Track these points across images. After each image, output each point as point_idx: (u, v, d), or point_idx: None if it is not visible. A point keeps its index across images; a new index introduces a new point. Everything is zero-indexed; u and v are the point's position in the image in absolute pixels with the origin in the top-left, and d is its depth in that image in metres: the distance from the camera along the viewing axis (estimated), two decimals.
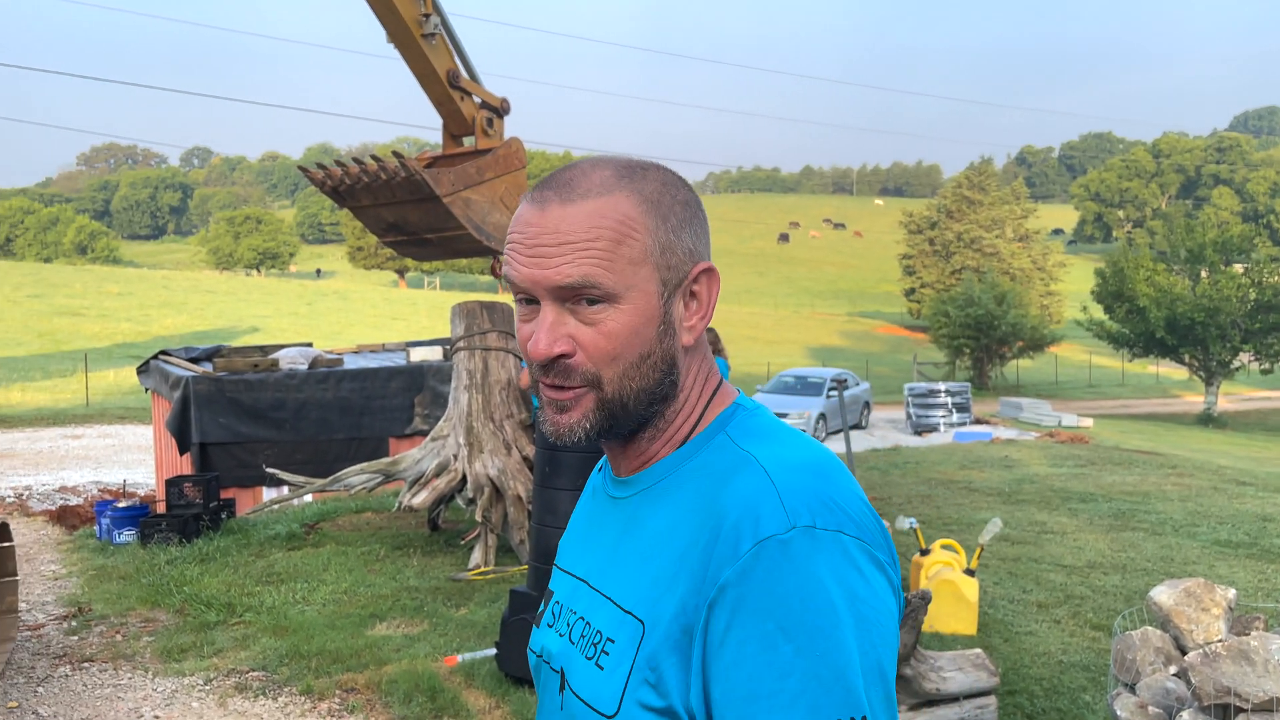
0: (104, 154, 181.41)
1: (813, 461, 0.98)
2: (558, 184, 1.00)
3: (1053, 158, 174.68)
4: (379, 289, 69.92)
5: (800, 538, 0.89)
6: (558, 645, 1.06)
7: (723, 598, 0.90)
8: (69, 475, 14.89)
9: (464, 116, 7.70)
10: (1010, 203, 57.80)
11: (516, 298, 1.02)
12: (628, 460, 1.07)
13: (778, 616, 0.87)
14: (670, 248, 1.00)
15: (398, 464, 7.90)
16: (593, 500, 1.16)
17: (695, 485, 0.99)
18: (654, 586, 0.96)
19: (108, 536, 8.47)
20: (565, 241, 0.97)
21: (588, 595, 1.05)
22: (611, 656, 0.96)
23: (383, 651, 5.40)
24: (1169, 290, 30.30)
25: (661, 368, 1.00)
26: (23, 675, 5.34)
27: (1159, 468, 13.13)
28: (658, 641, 0.93)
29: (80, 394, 25.09)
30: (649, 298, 0.99)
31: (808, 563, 0.89)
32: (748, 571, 0.89)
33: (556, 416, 1.01)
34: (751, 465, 0.96)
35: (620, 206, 0.98)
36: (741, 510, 0.92)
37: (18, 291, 46.94)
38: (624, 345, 0.98)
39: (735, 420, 1.04)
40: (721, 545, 0.91)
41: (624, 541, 1.03)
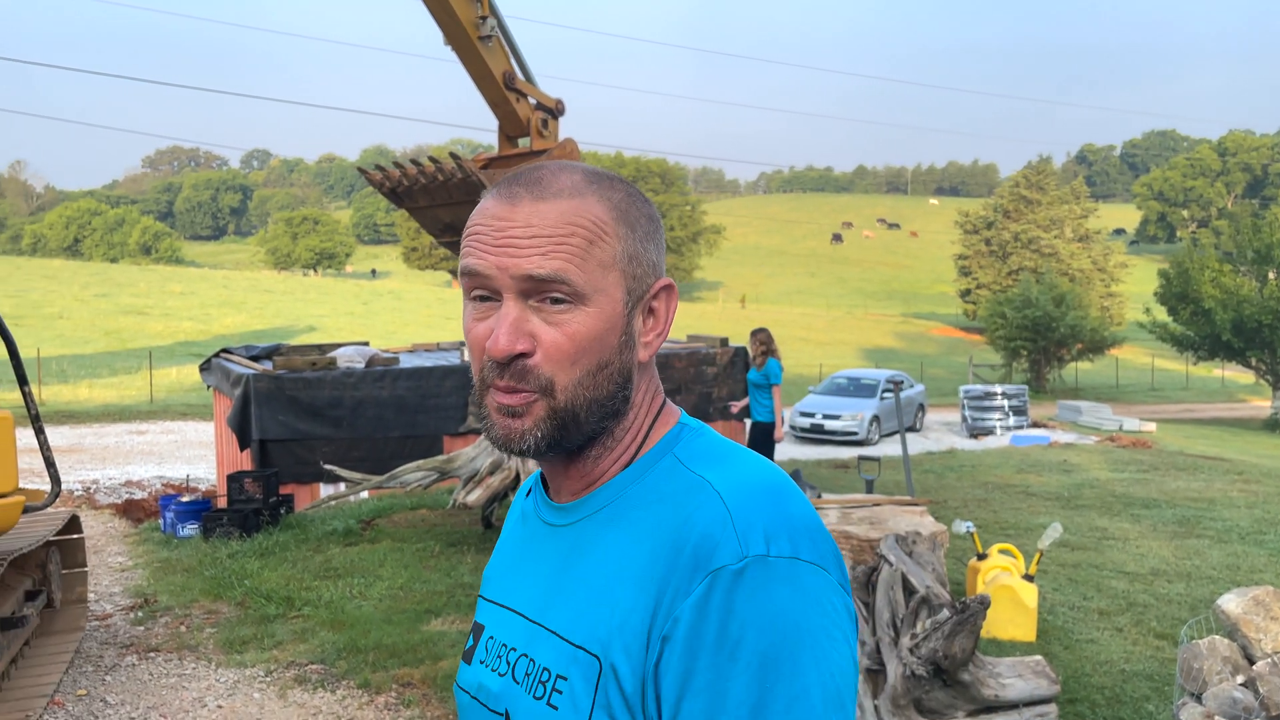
0: (168, 156, 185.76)
1: (765, 483, 0.95)
2: (527, 181, 0.97)
3: (1114, 156, 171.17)
4: (433, 289, 70.72)
5: (754, 567, 0.87)
6: (497, 684, 0.99)
7: (676, 630, 0.87)
8: (134, 470, 15.27)
9: (519, 118, 7.75)
10: (1070, 202, 56.74)
11: (471, 296, 0.97)
12: (570, 481, 1.02)
13: (730, 648, 0.85)
14: (637, 258, 0.98)
15: (452, 461, 7.98)
16: (523, 526, 1.10)
17: (646, 511, 0.96)
18: (608, 620, 0.91)
19: (172, 530, 8.67)
20: (538, 235, 0.93)
21: (527, 630, 0.99)
22: (565, 695, 0.91)
23: (438, 647, 5.47)
24: (1235, 292, 29.51)
25: (617, 380, 0.97)
26: (91, 664, 5.49)
27: (1225, 474, 12.81)
28: (616, 677, 0.90)
29: (144, 391, 25.71)
30: (615, 304, 0.96)
31: (761, 593, 0.86)
32: (701, 604, 0.86)
33: (507, 421, 0.95)
34: (705, 490, 0.93)
35: (593, 209, 0.96)
36: (697, 539, 0.89)
37: (85, 291, 48.26)
38: (584, 350, 0.94)
39: (682, 441, 1.01)
40: (677, 576, 0.89)
41: (568, 572, 0.98)
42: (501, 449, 0.98)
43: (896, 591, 4.10)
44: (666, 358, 11.86)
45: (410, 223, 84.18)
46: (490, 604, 1.08)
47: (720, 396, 12.25)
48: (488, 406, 0.97)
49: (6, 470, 3.83)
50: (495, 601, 1.07)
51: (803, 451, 16.83)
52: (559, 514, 1.03)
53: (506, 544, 1.12)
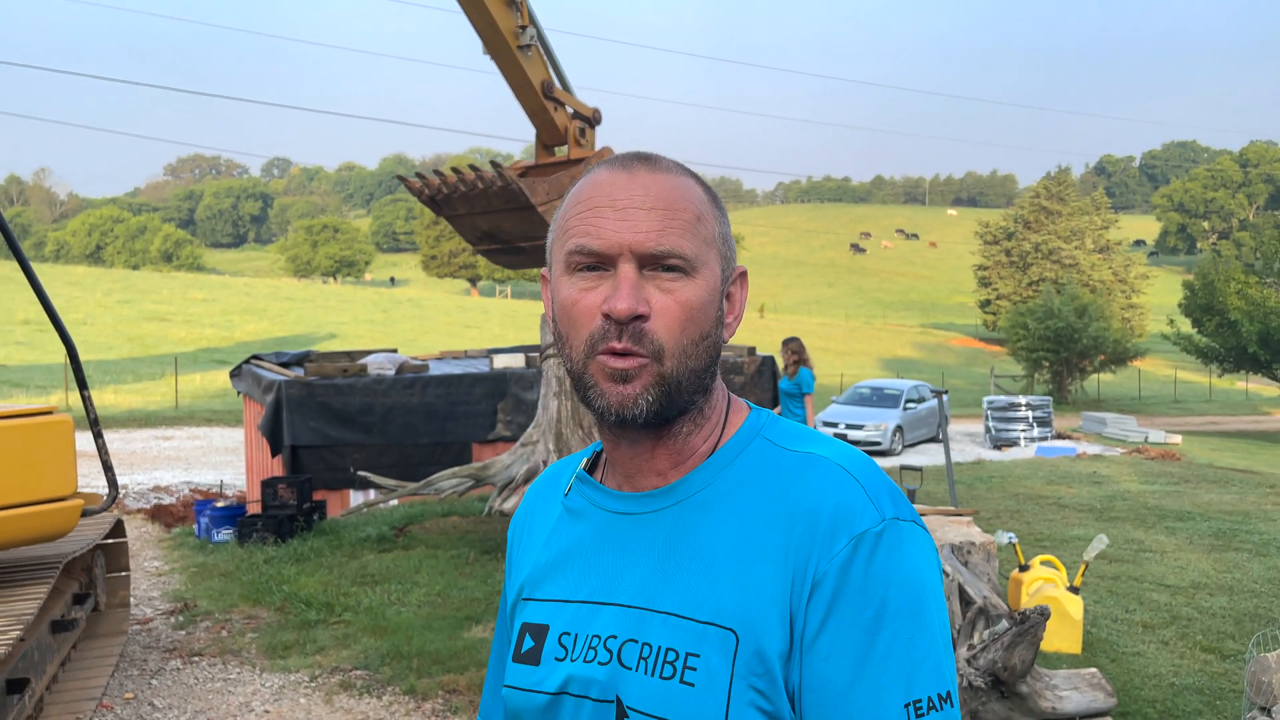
0: (189, 164, 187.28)
1: (867, 458, 1.03)
2: (638, 156, 1.03)
3: (1133, 167, 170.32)
4: (452, 297, 70.95)
5: (890, 530, 0.95)
6: (601, 673, 0.99)
7: (819, 591, 0.93)
8: (161, 475, 15.37)
9: (557, 127, 7.78)
10: (1090, 213, 56.49)
11: (577, 269, 0.99)
12: (657, 460, 1.04)
13: (876, 605, 0.92)
14: (727, 240, 1.04)
15: (488, 469, 7.99)
16: (578, 521, 1.09)
17: (755, 489, 1.00)
18: (734, 593, 0.95)
19: (206, 535, 8.71)
20: (656, 206, 0.98)
21: (630, 617, 0.99)
22: (700, 672, 0.93)
23: (481, 654, 5.46)
24: (1262, 303, 29.28)
25: (711, 353, 1.01)
26: (136, 668, 5.52)
27: (1257, 486, 12.69)
28: (755, 647, 0.93)
29: (169, 396, 25.88)
30: (715, 279, 1.01)
31: (899, 553, 0.94)
32: (845, 565, 0.92)
33: (619, 388, 0.97)
34: (825, 464, 0.99)
35: (695, 189, 1.02)
36: (833, 507, 0.95)
37: (109, 297, 48.66)
38: (692, 318, 0.98)
39: (767, 425, 1.05)
40: (814, 542, 0.94)
41: (675, 555, 1.00)
42: (609, 417, 0.99)
43: (954, 602, 4.07)
44: None
45: (429, 231, 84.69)
46: (550, 603, 1.07)
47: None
48: (593, 375, 0.99)
49: (66, 474, 3.87)
50: (559, 599, 1.06)
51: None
52: (642, 501, 1.04)
53: (556, 542, 1.10)
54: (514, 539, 1.20)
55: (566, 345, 1.02)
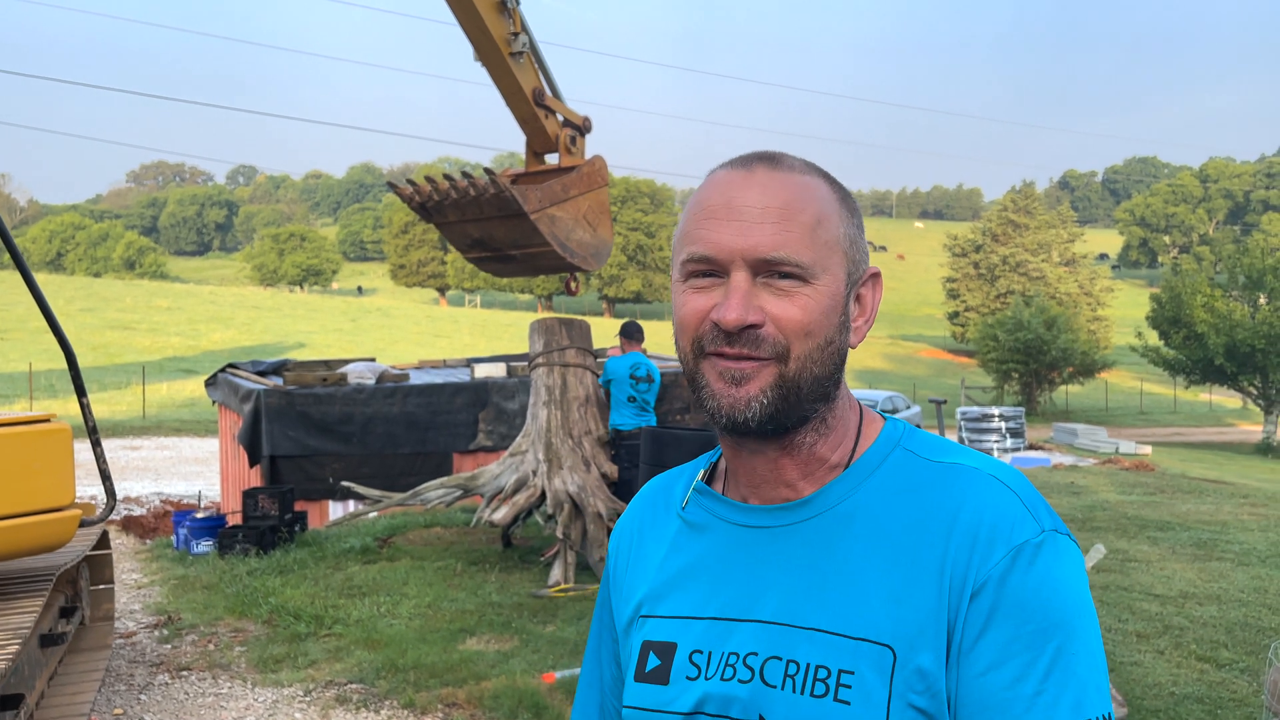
0: (153, 171, 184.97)
1: (1016, 470, 1.00)
2: (761, 155, 0.99)
3: (1096, 182, 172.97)
4: (421, 306, 70.52)
5: (1050, 541, 0.92)
6: (742, 691, 0.95)
7: (976, 604, 0.90)
8: (130, 486, 15.10)
9: (548, 134, 7.73)
10: (1057, 226, 57.25)
11: (690, 272, 0.97)
12: (783, 470, 1.00)
13: (1038, 618, 0.89)
14: (855, 242, 1.00)
15: (476, 479, 7.90)
16: (699, 535, 1.05)
17: (901, 501, 0.97)
18: (888, 608, 0.92)
19: (185, 546, 8.54)
20: (770, 207, 0.94)
21: (771, 633, 0.96)
22: (856, 689, 0.90)
23: (478, 667, 5.38)
24: (1228, 316, 29.77)
25: (836, 360, 0.97)
26: (123, 683, 5.38)
27: (1231, 497, 12.84)
28: (914, 662, 0.90)
29: (135, 406, 25.46)
30: (838, 284, 0.97)
31: (1058, 565, 0.92)
32: (1004, 576, 0.90)
33: (732, 390, 0.94)
34: (975, 474, 0.97)
35: (820, 189, 0.99)
36: (993, 516, 0.93)
37: (70, 305, 47.85)
38: (815, 324, 0.95)
39: (906, 436, 1.03)
40: (974, 552, 0.92)
41: (815, 570, 0.96)
42: (720, 419, 0.96)
43: None
44: (675, 376, 11.80)
45: (397, 240, 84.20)
46: (676, 620, 1.02)
47: None
48: (705, 375, 0.96)
49: (64, 483, 3.75)
50: (686, 616, 1.02)
51: None
52: (775, 515, 1.00)
53: (677, 557, 1.06)
54: (619, 552, 1.15)
55: (678, 348, 1.00)
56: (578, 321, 8.08)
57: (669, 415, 11.63)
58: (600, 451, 7.79)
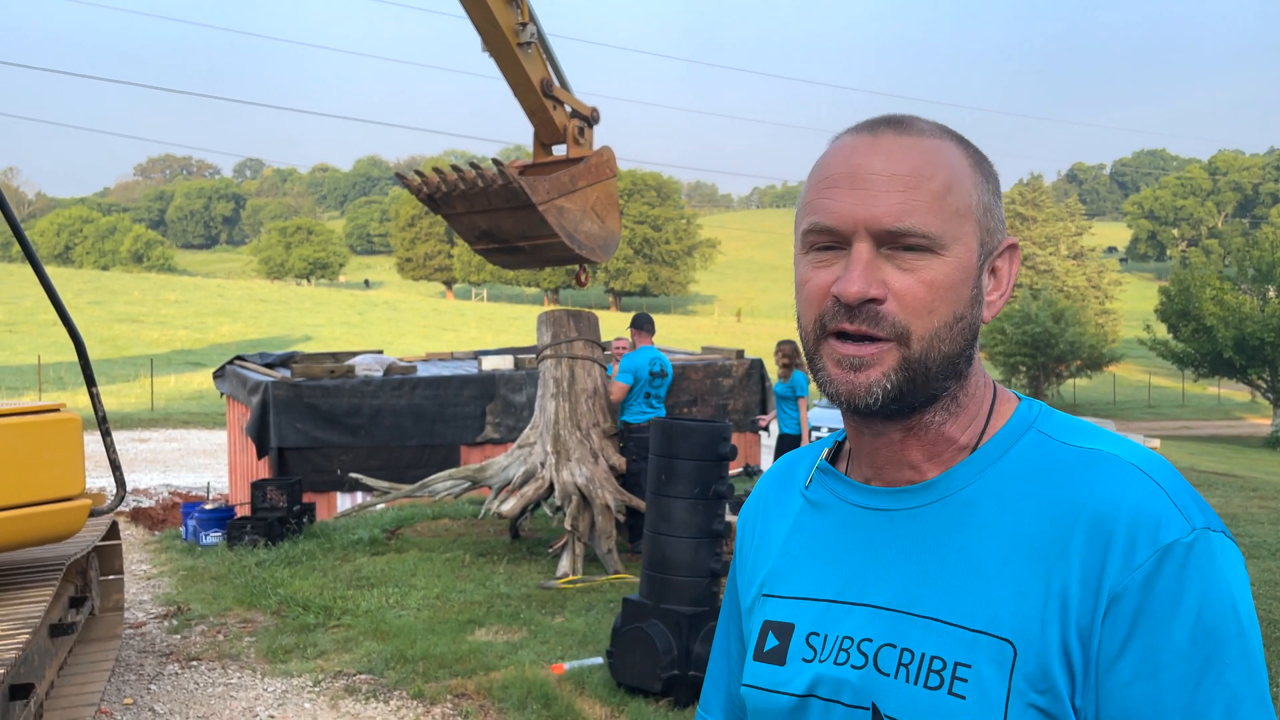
0: (160, 165, 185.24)
1: (1163, 459, 0.92)
2: (888, 119, 0.95)
3: (1104, 174, 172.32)
4: (427, 299, 70.59)
5: (1201, 541, 0.85)
6: (855, 677, 0.93)
7: (1117, 608, 0.84)
8: (139, 478, 15.13)
9: (556, 125, 7.71)
10: (1065, 219, 57.11)
11: (814, 246, 0.93)
12: (908, 451, 0.96)
13: (1188, 625, 0.83)
14: (991, 210, 0.95)
15: (484, 471, 7.91)
16: (821, 515, 1.03)
17: (1029, 487, 0.91)
18: (1011, 602, 0.87)
19: (194, 538, 8.56)
20: (896, 174, 0.90)
21: (887, 619, 0.93)
22: (972, 684, 0.87)
23: (487, 658, 5.38)
24: (1237, 309, 29.66)
25: (967, 335, 0.93)
26: (133, 673, 5.39)
27: (1240, 490, 12.81)
28: (1036, 660, 0.85)
29: (144, 399, 25.53)
30: (970, 254, 0.92)
31: (1212, 568, 0.84)
32: (1150, 579, 0.83)
33: (851, 376, 0.91)
34: (1114, 462, 0.89)
35: (952, 153, 0.94)
36: (1132, 513, 0.86)
37: (79, 298, 47.97)
38: (941, 299, 0.90)
39: (1042, 416, 0.96)
40: (1110, 552, 0.85)
41: (938, 555, 0.92)
42: (840, 404, 0.93)
43: None
44: (683, 369, 11.81)
45: (404, 233, 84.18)
46: (795, 601, 1.01)
47: (736, 409, 12.19)
48: (823, 359, 0.93)
49: (74, 473, 3.76)
50: (805, 597, 1.00)
51: None
52: (897, 497, 0.96)
53: (798, 536, 1.04)
54: (745, 531, 1.14)
55: (800, 325, 0.96)
56: (585, 314, 8.07)
57: (676, 407, 11.63)
58: (608, 443, 7.78)
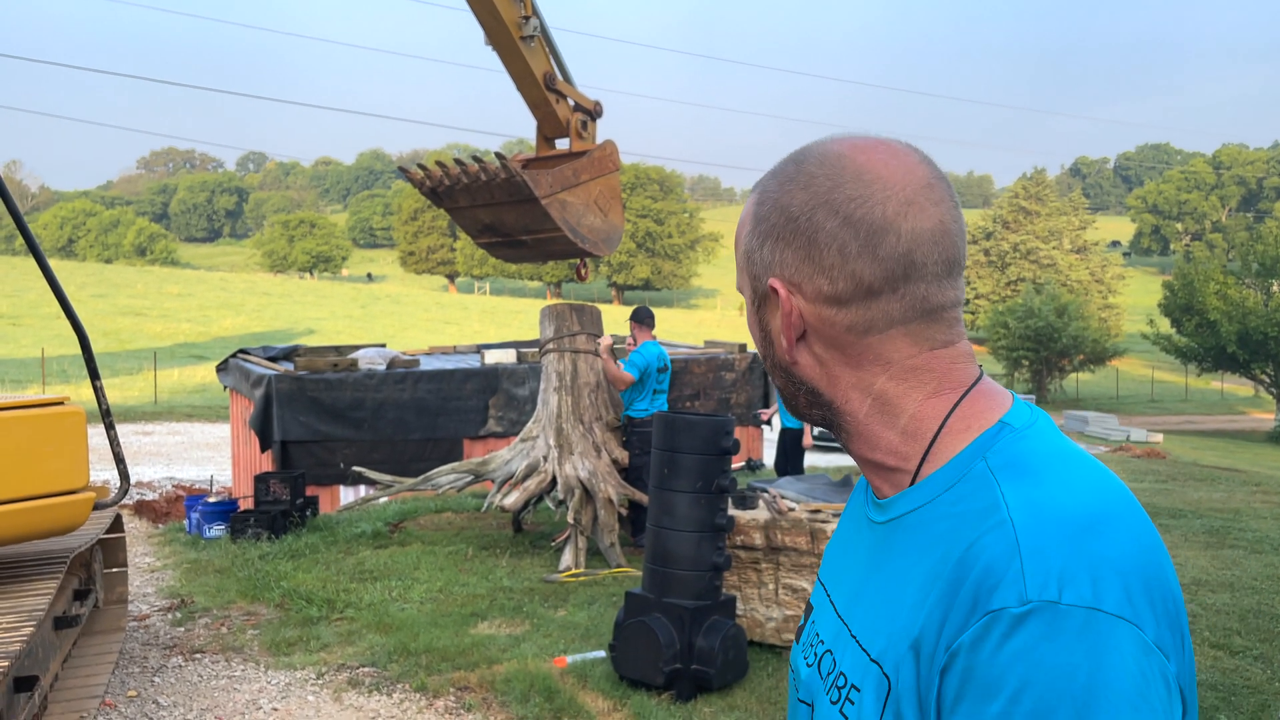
0: (163, 158, 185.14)
1: (1079, 511, 0.81)
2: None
3: (1108, 169, 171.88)
4: (430, 293, 70.58)
5: (1039, 615, 0.75)
6: (805, 674, 1.00)
7: (952, 666, 0.79)
8: (142, 471, 15.15)
9: (559, 119, 7.71)
10: (1068, 214, 56.99)
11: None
12: (866, 471, 0.97)
13: (1001, 703, 0.75)
14: (752, 259, 1.04)
15: (487, 464, 7.92)
16: (849, 519, 1.07)
17: (944, 526, 0.86)
18: (897, 637, 0.85)
19: (198, 531, 8.58)
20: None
21: (836, 627, 0.97)
22: (857, 706, 0.87)
23: (490, 651, 5.39)
24: (1241, 304, 29.60)
25: (781, 374, 1.03)
26: (137, 665, 5.41)
27: (1243, 484, 12.80)
28: (904, 700, 0.83)
29: (147, 392, 25.57)
30: (751, 303, 1.05)
31: (1044, 645, 0.75)
32: (977, 644, 0.77)
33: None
34: (996, 514, 0.82)
35: (748, 209, 1.03)
36: (980, 571, 0.79)
37: (82, 291, 48.02)
38: (757, 341, 1.02)
39: (1001, 445, 0.87)
40: (957, 606, 0.80)
41: (872, 576, 0.93)
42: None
43: None
44: (685, 363, 11.81)
45: (407, 227, 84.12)
46: (821, 589, 1.07)
47: (739, 403, 12.19)
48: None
49: (78, 466, 3.76)
50: (825, 586, 1.06)
51: (824, 459, 16.80)
52: (877, 510, 0.97)
53: (839, 530, 1.11)
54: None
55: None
56: (588, 307, 8.07)
57: (679, 401, 11.63)
58: (611, 437, 7.79)
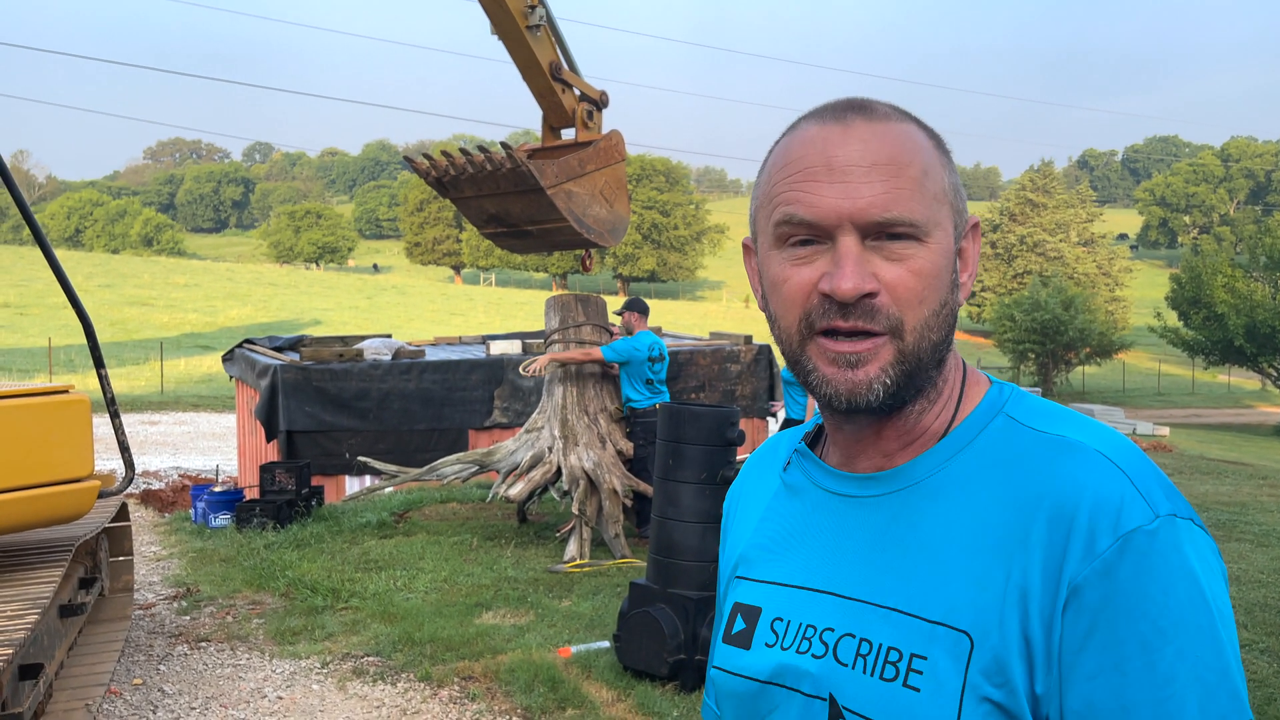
0: (170, 148, 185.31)
1: (1130, 443, 0.89)
2: (853, 104, 0.91)
3: (1115, 161, 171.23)
4: (436, 284, 70.61)
5: (1166, 528, 0.82)
6: (814, 666, 0.91)
7: (1079, 599, 0.81)
8: (149, 460, 15.19)
9: (564, 109, 7.68)
10: (1075, 206, 56.79)
11: (789, 240, 0.89)
12: (884, 442, 0.94)
13: (1153, 616, 0.80)
14: (958, 191, 0.93)
15: (492, 455, 7.92)
16: (795, 499, 1.01)
17: (994, 475, 0.88)
18: (970, 592, 0.85)
19: (203, 520, 8.60)
20: (877, 163, 0.86)
21: (846, 608, 0.91)
22: (928, 676, 0.85)
23: (494, 641, 5.40)
24: (1248, 297, 29.49)
25: (950, 321, 0.90)
26: (142, 653, 5.42)
27: (1250, 478, 12.76)
28: (993, 653, 0.83)
29: (154, 381, 25.63)
30: (948, 239, 0.90)
31: (1177, 556, 0.81)
32: (1111, 568, 0.81)
33: (850, 374, 0.88)
34: (1079, 450, 0.86)
35: (920, 137, 0.91)
36: (1095, 500, 0.83)
37: (89, 281, 48.12)
38: (930, 287, 0.87)
39: (1012, 400, 0.94)
40: (1071, 540, 0.82)
41: (898, 546, 0.90)
42: (839, 405, 0.89)
43: None
44: (691, 354, 11.80)
45: (413, 218, 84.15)
46: (764, 584, 1.00)
47: (744, 394, 12.17)
48: (813, 359, 0.89)
49: (83, 455, 3.77)
50: (773, 582, 0.99)
51: None
52: (865, 484, 0.94)
53: (770, 521, 1.02)
54: (729, 511, 1.13)
55: (777, 326, 0.92)
56: (594, 298, 8.06)
57: (684, 393, 11.61)
58: (616, 428, 7.78)
